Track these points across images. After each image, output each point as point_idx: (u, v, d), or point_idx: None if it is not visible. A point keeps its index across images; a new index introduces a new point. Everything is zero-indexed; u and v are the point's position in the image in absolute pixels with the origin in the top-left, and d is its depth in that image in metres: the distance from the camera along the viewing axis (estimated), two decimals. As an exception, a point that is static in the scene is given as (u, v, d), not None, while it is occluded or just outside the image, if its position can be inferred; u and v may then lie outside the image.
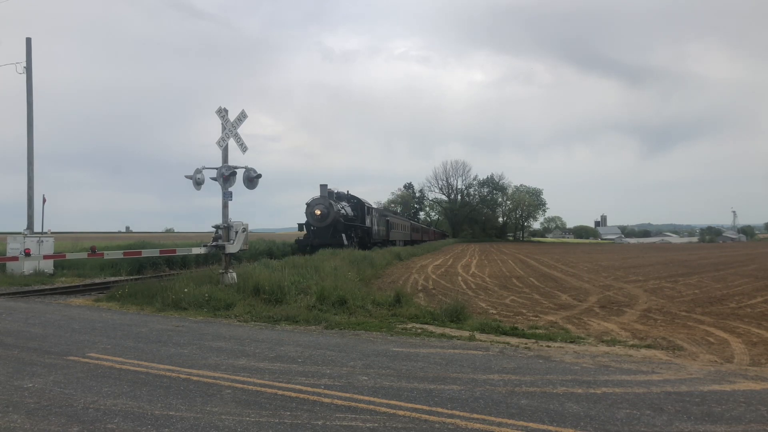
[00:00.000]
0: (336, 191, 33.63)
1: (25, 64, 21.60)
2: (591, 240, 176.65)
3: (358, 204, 35.63)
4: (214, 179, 13.75)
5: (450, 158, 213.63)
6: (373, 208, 40.12)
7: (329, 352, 7.03)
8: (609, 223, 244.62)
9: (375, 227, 39.12)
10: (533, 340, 7.97)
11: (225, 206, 13.71)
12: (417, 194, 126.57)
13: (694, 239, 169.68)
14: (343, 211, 31.28)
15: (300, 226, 31.70)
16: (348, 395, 5.11)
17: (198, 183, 17.18)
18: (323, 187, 30.45)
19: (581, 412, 4.64)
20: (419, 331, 8.72)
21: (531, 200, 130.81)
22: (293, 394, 5.13)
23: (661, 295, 14.25)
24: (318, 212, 29.19)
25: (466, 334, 8.39)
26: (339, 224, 29.66)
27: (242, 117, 13.65)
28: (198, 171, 17.08)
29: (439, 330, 8.80)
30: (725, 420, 4.45)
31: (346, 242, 29.12)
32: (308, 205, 30.07)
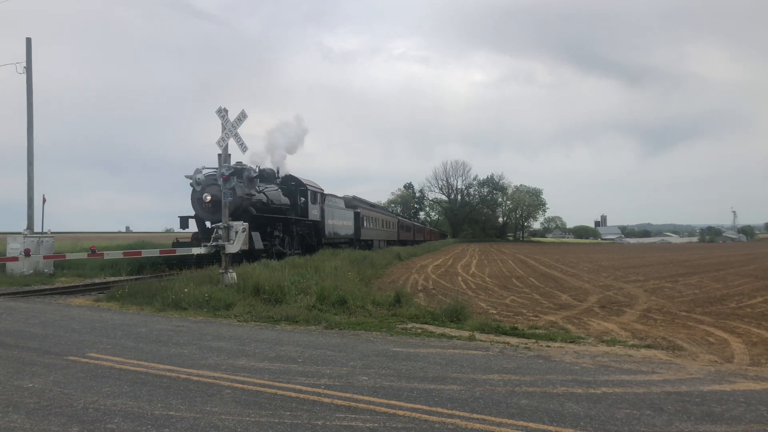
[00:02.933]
0: (258, 167, 23.12)
1: (25, 64, 21.62)
2: (591, 240, 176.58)
3: (296, 188, 24.93)
4: (214, 179, 13.74)
5: (450, 158, 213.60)
6: (326, 194, 28.51)
7: (329, 352, 7.03)
8: (609, 223, 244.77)
9: (329, 222, 28.20)
10: (533, 340, 7.97)
11: (225, 206, 13.71)
12: (417, 194, 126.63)
13: (694, 239, 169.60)
14: (260, 196, 21.01)
15: (183, 222, 20.56)
16: (348, 395, 5.11)
17: (198, 183, 17.19)
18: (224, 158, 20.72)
19: (581, 412, 4.64)
20: (419, 331, 8.72)
21: (531, 200, 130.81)
22: (293, 394, 5.13)
23: (661, 295, 14.24)
24: (209, 198, 18.49)
25: (466, 334, 8.39)
26: (247, 216, 19.39)
27: (242, 117, 13.65)
28: (198, 171, 17.09)
29: (439, 330, 8.80)
30: (725, 420, 4.45)
31: (261, 245, 19.40)
32: (194, 187, 18.87)
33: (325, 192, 28.60)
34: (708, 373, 6.04)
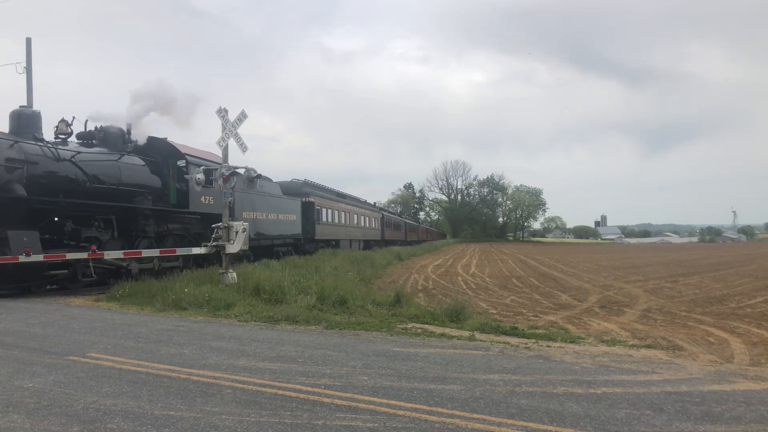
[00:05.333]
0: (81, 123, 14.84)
1: (25, 64, 21.62)
2: (591, 240, 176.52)
3: (167, 161, 16.14)
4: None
5: (450, 158, 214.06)
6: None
7: (329, 352, 7.03)
8: (609, 223, 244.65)
9: (245, 216, 18.26)
10: (533, 340, 7.97)
11: (225, 206, 13.71)
12: (417, 194, 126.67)
13: (694, 239, 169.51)
14: (62, 166, 13.36)
15: None
16: (348, 395, 5.11)
17: (198, 183, 17.17)
18: None
19: (581, 412, 4.64)
20: (419, 331, 8.72)
21: (531, 200, 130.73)
22: (293, 394, 5.13)
23: (661, 295, 14.24)
24: None
25: (466, 334, 8.39)
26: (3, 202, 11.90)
27: (242, 117, 13.65)
28: (198, 171, 17.07)
29: (439, 330, 8.80)
30: (725, 420, 4.45)
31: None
32: None
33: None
34: (708, 373, 6.04)
